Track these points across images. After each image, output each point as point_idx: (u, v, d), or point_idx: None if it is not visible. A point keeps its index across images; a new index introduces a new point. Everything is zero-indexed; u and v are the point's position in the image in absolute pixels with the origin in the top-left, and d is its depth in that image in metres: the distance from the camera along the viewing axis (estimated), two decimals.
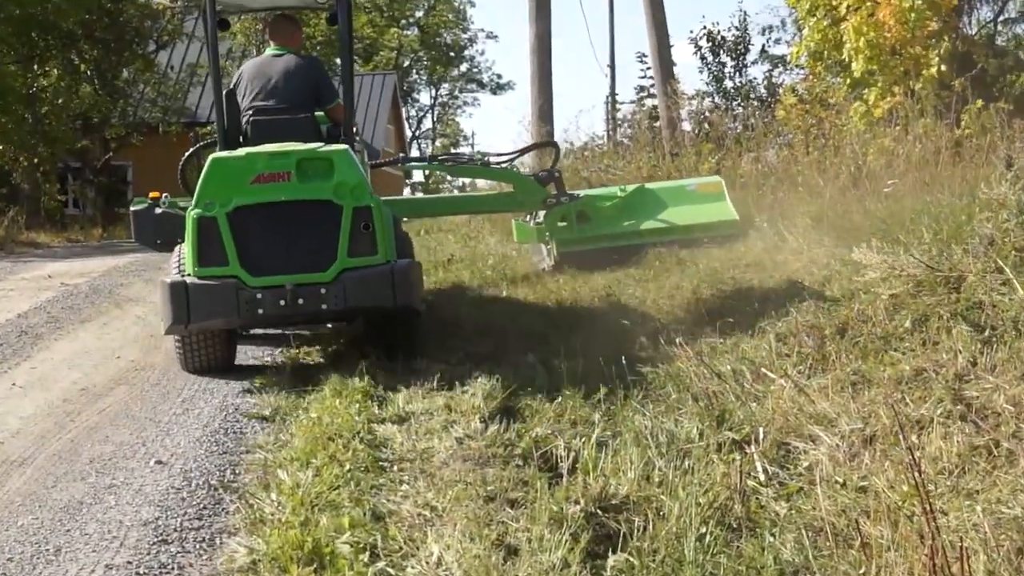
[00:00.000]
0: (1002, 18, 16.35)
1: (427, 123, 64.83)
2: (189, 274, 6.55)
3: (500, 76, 75.48)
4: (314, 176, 6.56)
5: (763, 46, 25.87)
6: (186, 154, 8.25)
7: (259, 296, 6.44)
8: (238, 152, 6.76)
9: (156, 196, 8.42)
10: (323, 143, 6.93)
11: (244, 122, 7.17)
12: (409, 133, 56.21)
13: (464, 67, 63.75)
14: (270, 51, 7.54)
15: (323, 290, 6.47)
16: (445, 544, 3.75)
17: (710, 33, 21.30)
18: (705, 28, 21.33)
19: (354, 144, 7.17)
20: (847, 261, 7.13)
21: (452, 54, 62.27)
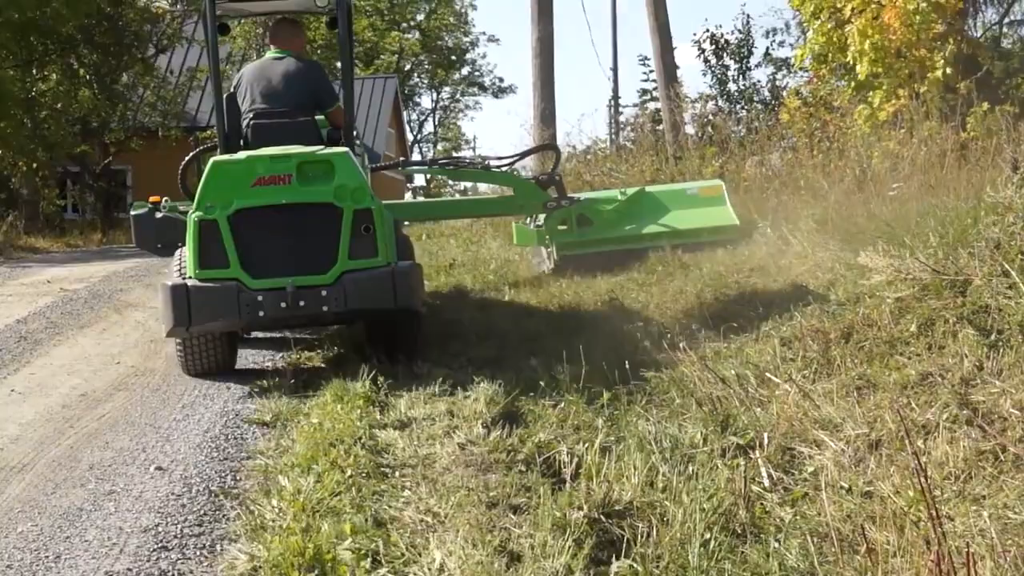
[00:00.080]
0: (1007, 20, 16.32)
1: (428, 127, 64.88)
2: (190, 276, 6.57)
3: (502, 79, 75.29)
4: (315, 179, 6.58)
5: (767, 49, 25.86)
6: (186, 158, 8.26)
7: (260, 298, 6.45)
8: (239, 155, 6.78)
9: (156, 200, 8.46)
10: (323, 146, 6.94)
11: (244, 126, 7.17)
12: (410, 137, 56.21)
13: (466, 70, 63.78)
14: (270, 55, 7.53)
15: (324, 292, 6.48)
16: (447, 550, 3.74)
17: (713, 36, 21.33)
18: (708, 31, 21.40)
19: (354, 147, 7.18)
20: (852, 265, 7.11)
21: (453, 57, 62.25)
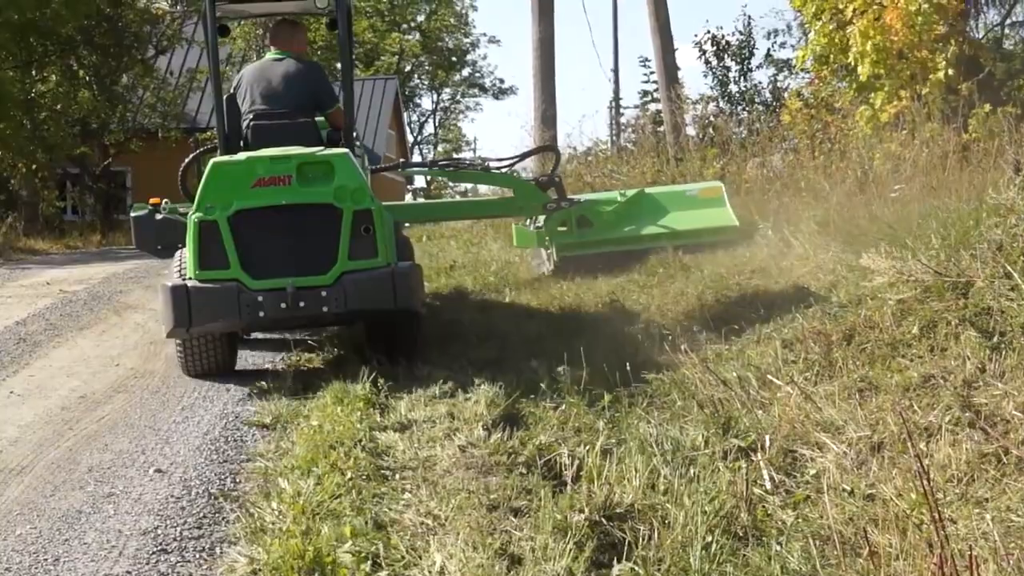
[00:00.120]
0: (1009, 21, 16.26)
1: (429, 128, 64.89)
2: (190, 277, 6.58)
3: (502, 81, 75.50)
4: (314, 180, 6.59)
5: (768, 50, 25.89)
6: (186, 160, 8.27)
7: (260, 299, 6.47)
8: (239, 156, 6.79)
9: (156, 202, 8.47)
10: (323, 147, 6.95)
11: (244, 127, 7.19)
12: (411, 138, 56.19)
13: (466, 72, 63.78)
14: (270, 56, 7.54)
15: (324, 293, 6.50)
16: (448, 553, 3.73)
17: (714, 37, 21.33)
18: (709, 32, 21.42)
19: (354, 149, 7.18)
20: (853, 267, 7.09)
21: (454, 59, 62.24)
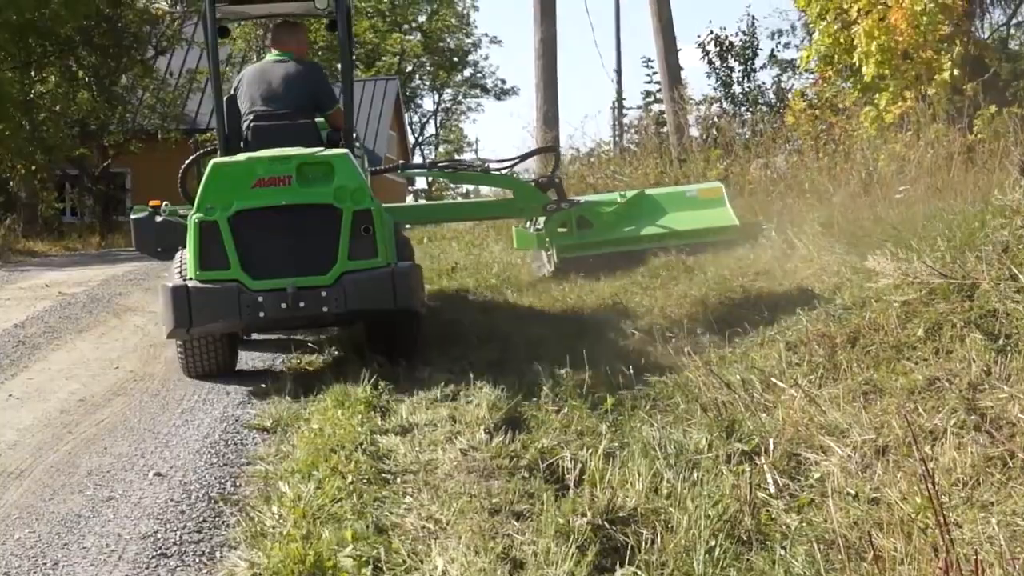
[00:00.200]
0: (1015, 21, 16.26)
1: (430, 129, 64.91)
2: (191, 278, 6.61)
3: (504, 81, 75.52)
4: (314, 180, 6.62)
5: (772, 51, 25.88)
6: (186, 163, 8.27)
7: (260, 299, 6.50)
8: (239, 157, 6.81)
9: (157, 204, 8.47)
10: (323, 148, 6.96)
11: (244, 128, 7.20)
12: (412, 139, 56.18)
13: (468, 72, 63.78)
14: (270, 57, 7.56)
15: (324, 293, 6.53)
16: (449, 557, 3.71)
17: (718, 38, 21.28)
18: (712, 33, 21.35)
19: (354, 149, 7.19)
20: (858, 268, 7.06)
21: (455, 59, 62.24)
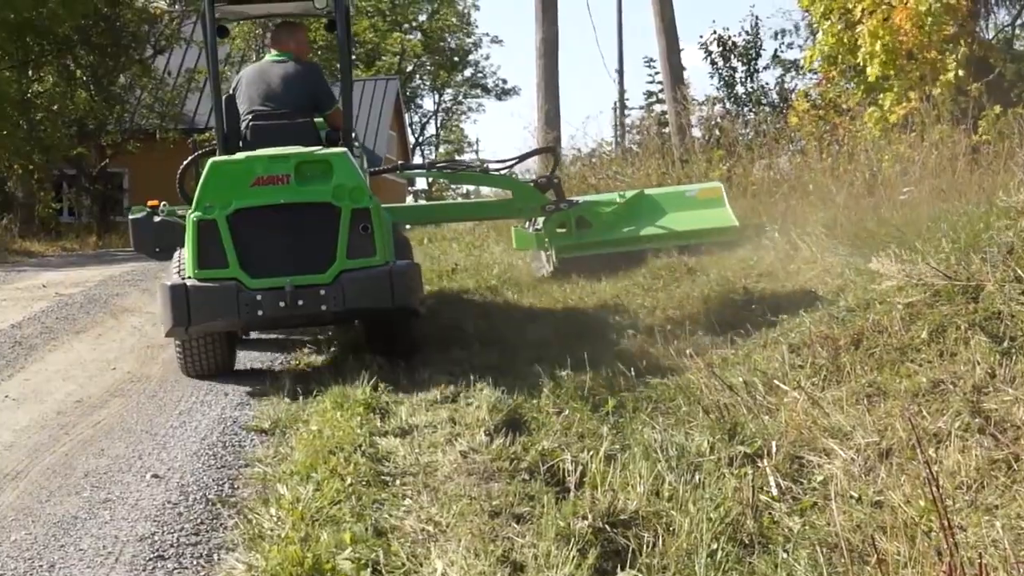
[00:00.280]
0: (1020, 22, 16.22)
1: (431, 129, 64.94)
2: (189, 277, 6.63)
3: (505, 81, 75.56)
4: (313, 179, 6.64)
5: (775, 51, 25.82)
6: (184, 163, 8.27)
7: (259, 298, 6.52)
8: (237, 156, 6.84)
9: (155, 204, 8.48)
10: (322, 147, 6.97)
11: (243, 127, 7.21)
12: (412, 139, 56.19)
13: (468, 72, 63.78)
14: (270, 57, 7.58)
15: (322, 291, 6.55)
16: (449, 560, 3.71)
17: (720, 38, 21.27)
18: (715, 33, 21.34)
19: (353, 149, 7.19)
20: (861, 270, 7.03)
21: (456, 59, 62.27)
